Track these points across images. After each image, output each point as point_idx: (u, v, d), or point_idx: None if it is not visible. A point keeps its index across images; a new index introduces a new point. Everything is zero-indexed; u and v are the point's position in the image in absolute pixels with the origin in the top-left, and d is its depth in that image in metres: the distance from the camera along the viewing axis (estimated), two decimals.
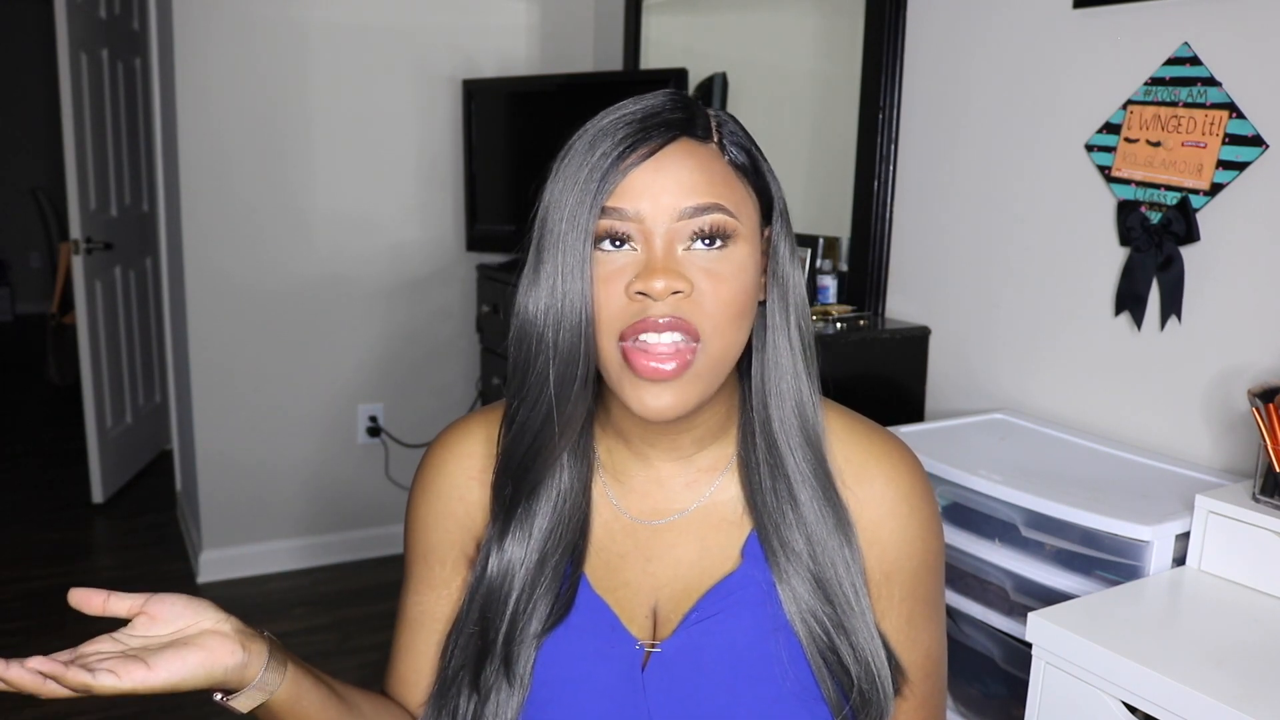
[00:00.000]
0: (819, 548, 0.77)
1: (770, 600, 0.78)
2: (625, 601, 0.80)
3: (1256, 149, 1.35)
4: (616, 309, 0.71)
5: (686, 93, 0.78)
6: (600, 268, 0.71)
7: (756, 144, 0.78)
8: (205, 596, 0.75)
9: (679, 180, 0.71)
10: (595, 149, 0.71)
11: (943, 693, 0.86)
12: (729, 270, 0.72)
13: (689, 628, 0.78)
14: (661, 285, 0.69)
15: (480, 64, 3.11)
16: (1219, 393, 1.43)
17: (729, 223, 0.72)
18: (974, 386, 1.83)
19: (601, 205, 0.70)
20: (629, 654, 0.78)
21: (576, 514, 0.81)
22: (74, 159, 3.29)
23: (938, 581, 0.84)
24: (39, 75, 6.24)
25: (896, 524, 0.81)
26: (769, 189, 0.77)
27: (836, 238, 2.11)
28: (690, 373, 0.71)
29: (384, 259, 3.11)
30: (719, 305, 0.71)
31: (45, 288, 6.40)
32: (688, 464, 0.82)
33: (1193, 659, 1.00)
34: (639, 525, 0.82)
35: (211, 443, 2.98)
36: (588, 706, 0.77)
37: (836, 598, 0.77)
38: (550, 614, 0.78)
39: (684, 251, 0.71)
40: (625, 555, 0.82)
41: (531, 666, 0.77)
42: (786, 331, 0.77)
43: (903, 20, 1.94)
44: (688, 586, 0.80)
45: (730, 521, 0.81)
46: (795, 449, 0.78)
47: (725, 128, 0.76)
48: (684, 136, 0.72)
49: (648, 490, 0.83)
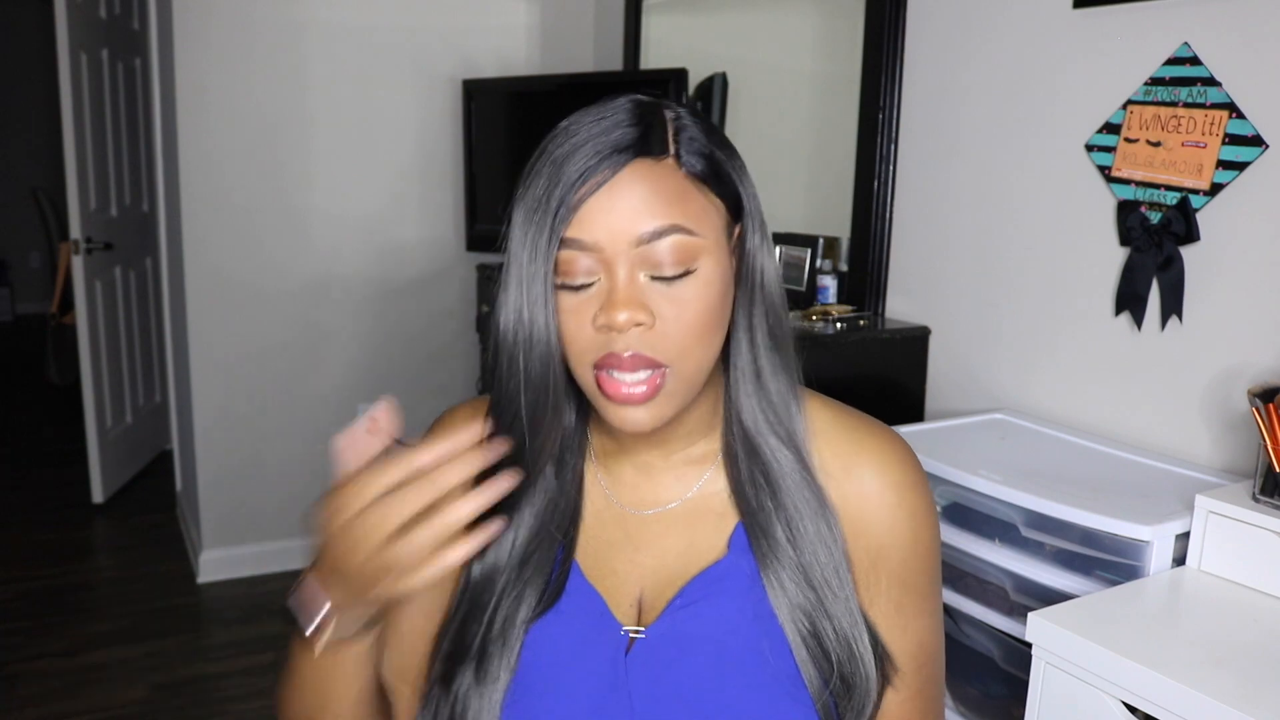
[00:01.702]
0: (800, 535, 0.78)
1: (754, 589, 0.79)
2: (612, 589, 0.81)
3: (1256, 149, 1.35)
4: (586, 342, 0.72)
5: (643, 97, 0.77)
6: (566, 300, 0.72)
7: (721, 143, 0.76)
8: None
9: (633, 207, 0.71)
10: (553, 177, 0.72)
11: (938, 685, 0.86)
12: (692, 294, 0.72)
13: (673, 613, 0.79)
14: (623, 318, 0.70)
15: (480, 64, 3.11)
16: (1219, 393, 1.43)
17: (689, 242, 0.72)
18: (974, 386, 1.83)
19: (560, 236, 0.71)
20: (614, 639, 0.79)
21: (567, 501, 0.82)
22: (74, 159, 3.29)
23: (930, 571, 0.84)
24: (39, 75, 6.24)
25: (884, 512, 0.81)
26: (734, 188, 0.76)
27: (836, 238, 2.11)
28: (663, 393, 0.73)
29: (384, 259, 3.11)
30: (684, 331, 0.72)
31: (45, 288, 6.41)
32: (677, 458, 0.83)
33: (1193, 659, 1.00)
34: (629, 514, 0.83)
35: (211, 443, 2.98)
36: (572, 690, 0.78)
37: (818, 583, 0.78)
38: (540, 600, 0.79)
39: (646, 280, 0.72)
40: (614, 544, 0.83)
41: (519, 651, 0.78)
42: (749, 325, 0.78)
43: (903, 20, 1.94)
44: (673, 575, 0.81)
45: (718, 513, 0.82)
46: (769, 440, 0.79)
47: (684, 135, 0.74)
48: (638, 158, 0.72)
49: (637, 482, 0.84)
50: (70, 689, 2.41)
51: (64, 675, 2.47)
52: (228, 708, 2.37)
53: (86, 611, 2.79)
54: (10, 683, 2.43)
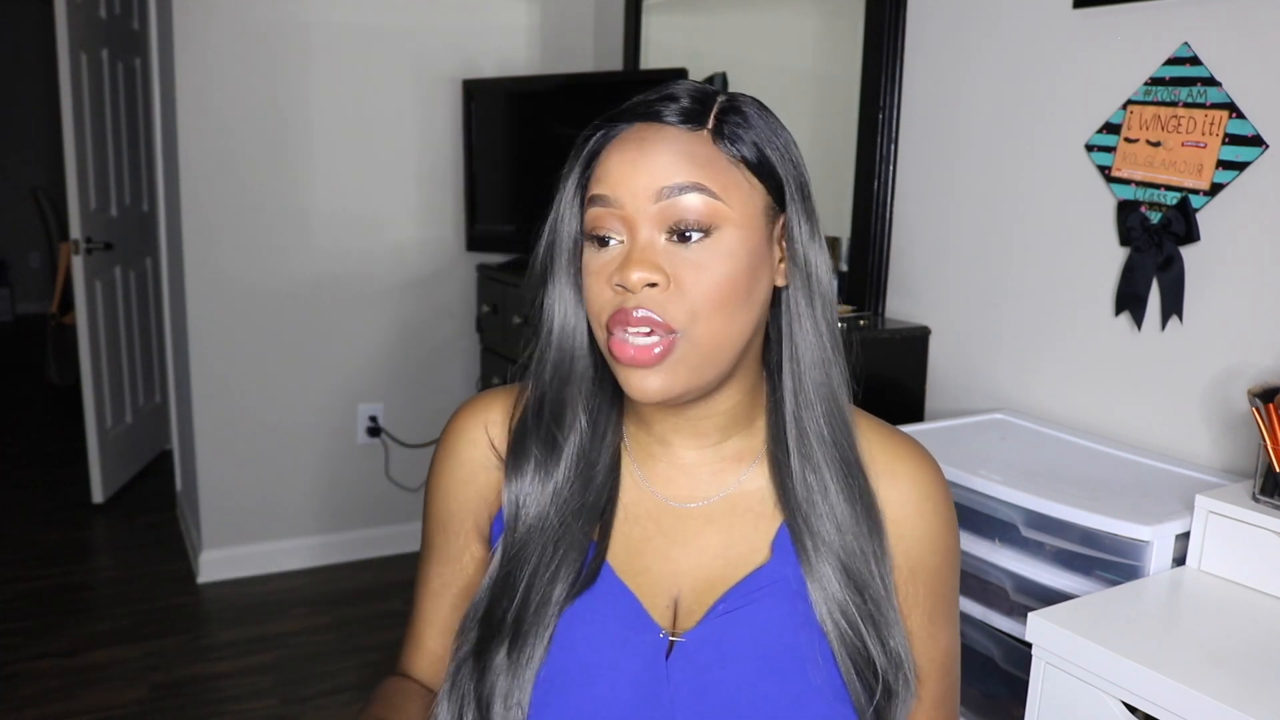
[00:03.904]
0: (849, 536, 0.77)
1: (799, 595, 0.78)
2: (646, 589, 0.80)
3: (1256, 149, 1.35)
4: (603, 301, 0.73)
5: (704, 84, 0.78)
6: (591, 259, 0.74)
7: (773, 134, 0.77)
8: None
9: (656, 162, 0.72)
10: (594, 138, 0.76)
11: (957, 692, 0.86)
12: (712, 258, 0.72)
13: (715, 619, 0.78)
14: (636, 277, 0.71)
15: (480, 64, 3.11)
16: (1219, 393, 1.43)
17: (711, 204, 0.72)
18: (974, 386, 1.83)
19: (588, 194, 0.74)
20: (653, 642, 0.78)
21: (599, 484, 0.81)
22: (74, 159, 3.29)
23: (956, 581, 0.85)
24: (39, 75, 6.24)
25: (922, 521, 0.81)
26: (777, 177, 0.76)
27: (836, 238, 2.11)
28: (673, 358, 0.72)
29: (384, 259, 3.11)
30: (701, 294, 0.72)
31: (45, 288, 6.41)
32: (712, 452, 0.82)
33: (1193, 659, 1.00)
34: (666, 507, 0.82)
35: (211, 443, 2.98)
36: (608, 694, 0.76)
37: (867, 587, 0.77)
38: (575, 583, 0.78)
39: (667, 243, 0.72)
40: (649, 539, 0.81)
41: (550, 635, 0.77)
42: (813, 317, 0.77)
43: (903, 20, 1.94)
44: (711, 577, 0.80)
45: (758, 513, 0.81)
46: (826, 437, 0.78)
47: (729, 116, 0.75)
48: (672, 125, 0.73)
49: (671, 476, 0.82)
50: (70, 689, 2.41)
51: (64, 675, 2.47)
52: (228, 708, 2.37)
53: (86, 611, 2.79)
54: (10, 683, 2.43)
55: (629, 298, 0.71)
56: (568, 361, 0.79)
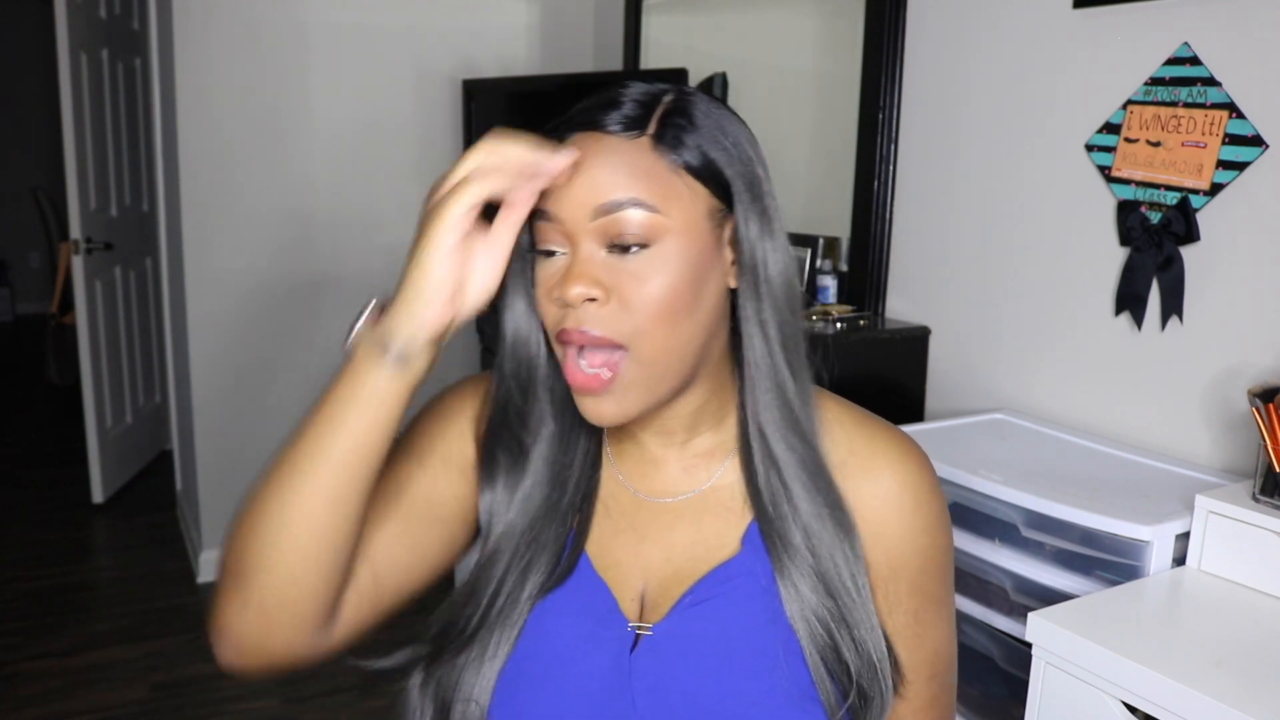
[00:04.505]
0: (816, 541, 0.76)
1: (769, 592, 0.77)
2: (616, 581, 0.79)
3: (1256, 149, 1.35)
4: (551, 316, 0.74)
5: (655, 84, 0.77)
6: (541, 272, 0.74)
7: (719, 133, 0.74)
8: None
9: (594, 180, 0.71)
10: None
11: (952, 693, 0.85)
12: (653, 269, 0.71)
13: (682, 611, 0.77)
14: (574, 292, 0.70)
15: (480, 64, 3.11)
16: (1219, 393, 1.43)
17: (649, 218, 0.70)
18: (974, 386, 1.83)
19: (535, 206, 0.73)
20: (620, 635, 0.77)
21: (575, 481, 0.81)
22: (74, 159, 3.29)
23: (946, 579, 0.83)
24: (39, 75, 6.23)
25: (903, 518, 0.79)
26: (723, 177, 0.74)
27: (836, 238, 2.11)
28: (623, 381, 0.72)
29: (384, 259, 3.11)
30: (642, 305, 0.71)
31: (45, 288, 6.40)
32: (683, 449, 0.81)
33: (1193, 659, 1.00)
34: (640, 501, 0.81)
35: (211, 443, 2.98)
36: (571, 683, 0.76)
37: (837, 591, 0.76)
38: (548, 578, 0.78)
39: (607, 255, 0.71)
40: (620, 533, 0.81)
41: (521, 629, 0.76)
42: (759, 320, 0.75)
43: (903, 20, 1.94)
44: (679, 570, 0.79)
45: (729, 509, 0.80)
46: (783, 439, 0.77)
47: (671, 119, 0.73)
48: (609, 135, 0.72)
49: (645, 471, 0.82)
50: (70, 689, 2.41)
51: (64, 675, 2.47)
52: (228, 708, 2.37)
53: (86, 611, 2.79)
54: (10, 683, 2.43)
55: (570, 314, 0.71)
56: (525, 371, 0.79)
